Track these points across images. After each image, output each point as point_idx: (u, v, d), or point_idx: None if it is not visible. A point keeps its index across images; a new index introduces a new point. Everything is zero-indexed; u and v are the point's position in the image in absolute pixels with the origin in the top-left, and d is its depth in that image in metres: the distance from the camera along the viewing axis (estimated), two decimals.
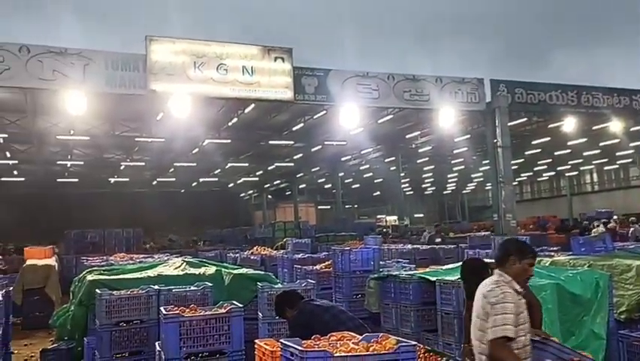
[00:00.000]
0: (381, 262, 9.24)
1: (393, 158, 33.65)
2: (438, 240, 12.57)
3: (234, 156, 31.74)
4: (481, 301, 3.17)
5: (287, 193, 47.54)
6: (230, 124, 23.75)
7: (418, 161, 36.16)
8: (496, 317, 3.00)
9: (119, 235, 21.05)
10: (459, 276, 5.21)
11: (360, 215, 52.17)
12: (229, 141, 26.48)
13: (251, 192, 50.47)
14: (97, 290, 6.11)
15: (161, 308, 4.31)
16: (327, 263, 8.66)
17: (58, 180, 36.58)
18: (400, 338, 2.80)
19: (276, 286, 6.08)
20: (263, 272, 8.14)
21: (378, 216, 45.92)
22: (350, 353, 2.59)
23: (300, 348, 2.51)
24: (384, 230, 32.02)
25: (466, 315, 4.88)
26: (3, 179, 35.58)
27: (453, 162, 37.44)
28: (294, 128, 25.03)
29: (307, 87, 18.55)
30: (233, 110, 22.03)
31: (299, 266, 9.18)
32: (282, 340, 2.72)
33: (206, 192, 44.60)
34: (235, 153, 30.77)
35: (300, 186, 45.42)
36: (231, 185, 44.88)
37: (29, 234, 29.99)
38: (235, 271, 7.86)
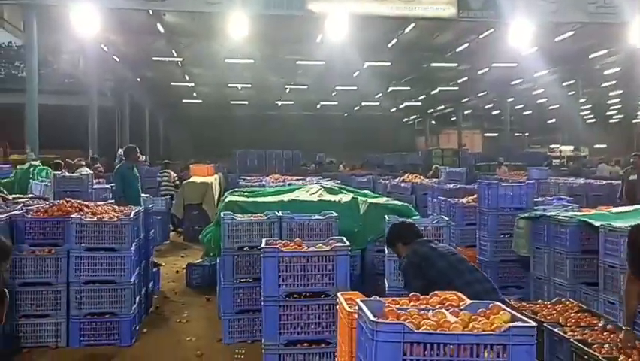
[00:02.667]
0: (540, 199, 8.15)
1: (572, 81, 30.16)
2: (633, 177, 10.72)
3: (396, 79, 30.77)
4: None
5: (451, 119, 45.59)
6: (389, 45, 22.78)
7: (603, 84, 32.00)
8: None
9: (279, 156, 21.66)
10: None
11: (531, 144, 48.47)
12: (389, 63, 25.54)
13: (414, 117, 49.25)
14: (221, 214, 6.05)
15: (263, 240, 3.98)
16: (475, 196, 7.81)
17: (231, 101, 38.75)
18: (517, 314, 2.07)
19: (407, 221, 5.48)
20: (401, 203, 7.56)
21: (552, 146, 42.24)
22: (438, 331, 1.96)
23: (372, 318, 1.95)
24: (557, 161, 29.27)
25: (628, 288, 3.85)
26: (184, 101, 38.69)
27: None
28: (458, 49, 23.28)
29: (473, 2, 16.85)
30: (392, 31, 20.96)
31: (444, 198, 8.43)
32: (360, 300, 2.16)
33: (368, 116, 44.38)
34: (396, 76, 29.77)
35: (465, 112, 43.16)
36: (393, 109, 44.05)
37: (206, 151, 32.52)
38: (371, 200, 7.40)
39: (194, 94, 36.60)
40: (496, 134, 48.31)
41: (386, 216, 5.89)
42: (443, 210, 8.20)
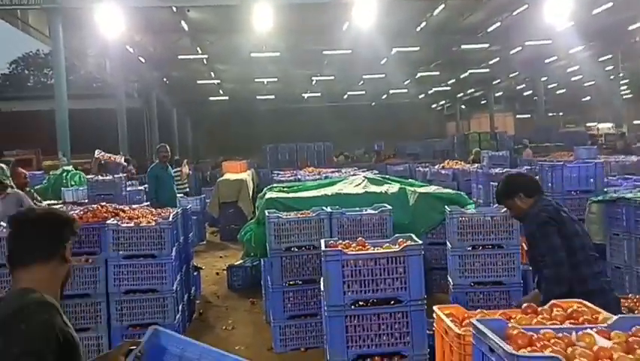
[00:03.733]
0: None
1: (609, 56, 28.96)
2: None
3: (424, 65, 29.99)
4: None
5: (482, 102, 44.49)
6: (418, 29, 22.10)
7: None
8: None
9: (310, 149, 21.23)
10: None
11: (566, 123, 47.03)
12: (417, 48, 24.82)
13: (443, 102, 48.25)
14: (266, 212, 5.65)
15: (321, 242, 3.52)
16: None
17: (258, 96, 38.46)
18: None
19: (468, 211, 4.99)
20: (454, 191, 7.06)
21: (588, 124, 40.83)
22: None
23: (510, 350, 1.47)
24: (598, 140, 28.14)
25: None
26: (211, 98, 38.55)
27: None
28: (490, 29, 22.46)
29: None
30: (421, 14, 20.32)
31: (495, 184, 7.82)
32: (477, 320, 1.69)
33: (396, 104, 43.62)
34: (425, 61, 29.01)
35: (497, 94, 41.99)
36: (422, 96, 43.18)
37: (235, 148, 32.31)
38: (421, 190, 6.90)
39: (221, 91, 36.41)
40: (528, 116, 47.04)
41: (447, 207, 5.38)
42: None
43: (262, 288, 6.69)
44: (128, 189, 10.12)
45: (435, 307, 2.10)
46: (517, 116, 48.47)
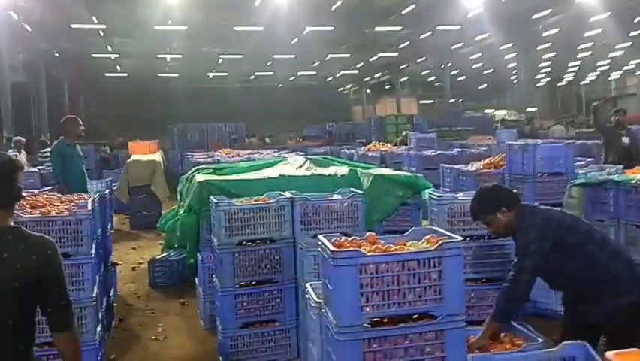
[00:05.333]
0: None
1: (510, 45, 30.02)
2: (625, 139, 9.65)
3: (335, 46, 29.47)
4: None
5: (386, 87, 44.98)
6: (333, 8, 21.46)
7: (539, 47, 32.13)
8: None
9: (222, 129, 20.09)
10: None
11: (465, 110, 48.82)
12: (331, 28, 24.19)
13: (349, 86, 48.31)
14: (210, 196, 4.67)
15: (321, 238, 2.59)
16: (486, 162, 6.77)
17: (159, 74, 36.27)
18: None
19: (460, 196, 4.31)
20: (410, 174, 6.43)
21: (486, 111, 42.54)
22: None
23: None
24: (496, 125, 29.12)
25: None
26: (107, 74, 35.79)
27: (580, 47, 32.97)
28: (404, 12, 22.28)
29: None
30: None
31: (448, 166, 7.30)
32: None
33: (305, 86, 43.01)
34: (336, 42, 28.47)
35: (402, 80, 42.56)
36: (330, 79, 42.89)
37: (134, 129, 30.15)
38: (375, 172, 6.19)
39: (118, 67, 33.87)
40: (431, 101, 48.31)
41: (400, 192, 4.73)
42: (447, 180, 7.13)
43: (196, 287, 5.71)
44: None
45: (610, 355, 1.36)
46: (420, 101, 49.59)
